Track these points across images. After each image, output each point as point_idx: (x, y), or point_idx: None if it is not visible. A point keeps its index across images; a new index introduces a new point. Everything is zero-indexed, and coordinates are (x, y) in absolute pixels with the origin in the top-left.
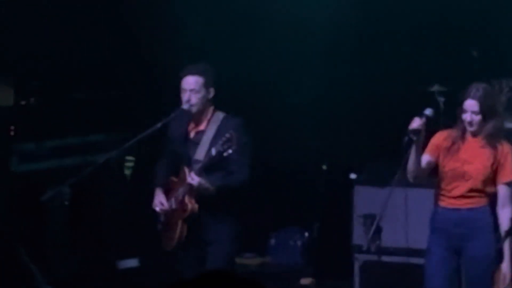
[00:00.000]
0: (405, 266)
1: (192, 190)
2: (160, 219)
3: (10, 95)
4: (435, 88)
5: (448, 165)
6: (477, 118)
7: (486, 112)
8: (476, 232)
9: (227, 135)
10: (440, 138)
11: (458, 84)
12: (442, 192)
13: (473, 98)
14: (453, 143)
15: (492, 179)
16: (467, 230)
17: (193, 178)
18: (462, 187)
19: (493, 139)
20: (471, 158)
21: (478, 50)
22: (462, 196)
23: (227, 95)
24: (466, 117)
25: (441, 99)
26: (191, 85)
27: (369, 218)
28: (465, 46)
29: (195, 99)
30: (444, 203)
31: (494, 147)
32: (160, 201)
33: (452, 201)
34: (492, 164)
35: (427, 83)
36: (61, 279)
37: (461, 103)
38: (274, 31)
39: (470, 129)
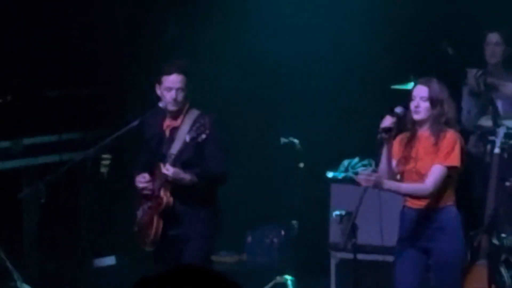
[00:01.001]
0: (381, 264)
1: (167, 184)
2: (137, 218)
3: None
4: (411, 85)
5: (405, 166)
6: (425, 104)
7: (434, 99)
8: (442, 233)
9: (201, 120)
10: (399, 139)
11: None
12: None
13: (422, 84)
14: (407, 143)
15: None
16: (433, 231)
17: (168, 169)
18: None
19: (438, 127)
20: (422, 155)
21: (454, 48)
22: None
23: (203, 93)
24: (413, 103)
25: None
26: (178, 83)
27: (345, 216)
28: (440, 44)
29: (180, 97)
30: (409, 203)
31: (439, 136)
32: (142, 176)
33: (415, 201)
34: (437, 152)
35: (403, 80)
36: (38, 277)
37: (408, 98)
38: (252, 28)
39: (416, 116)
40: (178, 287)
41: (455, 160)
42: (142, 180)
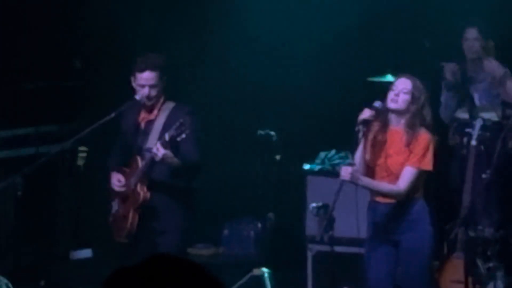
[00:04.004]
0: (358, 256)
1: (144, 179)
2: (112, 210)
3: None
4: (388, 78)
5: (374, 160)
6: (405, 97)
7: (416, 95)
8: (411, 225)
9: (181, 120)
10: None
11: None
12: None
13: (406, 77)
14: (376, 136)
15: None
16: (402, 223)
17: (159, 149)
18: (389, 182)
19: (413, 127)
20: (393, 151)
21: (430, 40)
22: None
23: (180, 85)
24: (393, 93)
25: None
26: (150, 80)
27: (322, 209)
28: (417, 36)
29: (154, 92)
30: (377, 197)
31: (412, 136)
32: (117, 179)
33: (383, 195)
34: (410, 154)
35: (380, 73)
36: (14, 270)
37: (388, 88)
38: (230, 22)
39: (392, 105)
40: (155, 277)
41: (428, 163)
42: (118, 184)
